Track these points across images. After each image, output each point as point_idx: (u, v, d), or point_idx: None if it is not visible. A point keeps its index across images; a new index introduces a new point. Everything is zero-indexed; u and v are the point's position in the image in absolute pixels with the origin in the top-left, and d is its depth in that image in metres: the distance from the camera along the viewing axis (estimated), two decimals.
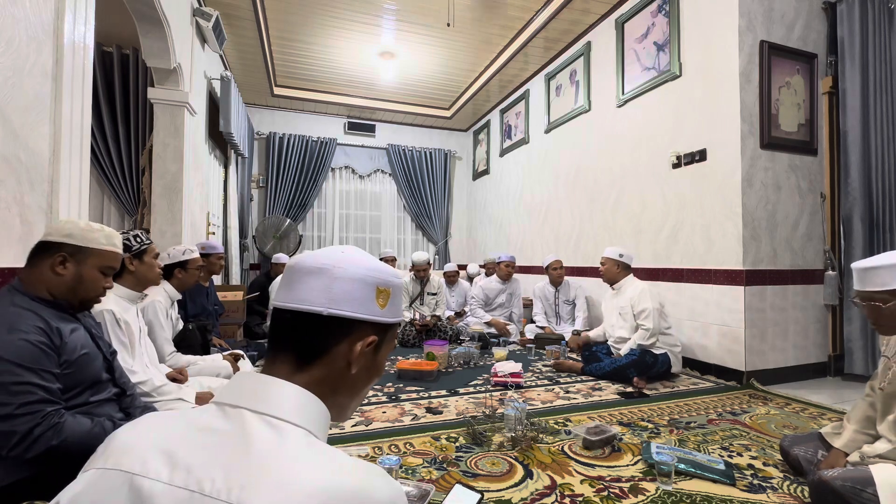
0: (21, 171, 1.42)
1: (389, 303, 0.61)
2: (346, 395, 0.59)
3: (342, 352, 0.56)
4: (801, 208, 3.06)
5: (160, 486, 0.42)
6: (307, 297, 0.56)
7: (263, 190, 6.30)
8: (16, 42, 1.38)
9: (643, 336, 2.83)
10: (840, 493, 1.20)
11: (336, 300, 0.56)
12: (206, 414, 0.49)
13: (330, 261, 0.58)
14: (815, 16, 3.14)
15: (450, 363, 3.24)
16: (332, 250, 0.60)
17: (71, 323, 1.17)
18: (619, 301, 3.07)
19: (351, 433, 2.02)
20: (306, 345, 0.55)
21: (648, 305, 2.84)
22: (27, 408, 0.99)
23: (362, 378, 0.60)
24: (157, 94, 3.12)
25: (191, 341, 2.39)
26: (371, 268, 0.59)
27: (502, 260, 4.45)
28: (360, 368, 0.58)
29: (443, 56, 4.86)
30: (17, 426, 0.98)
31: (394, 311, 0.61)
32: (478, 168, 7.03)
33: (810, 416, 2.26)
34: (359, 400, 0.62)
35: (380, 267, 0.61)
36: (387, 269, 0.62)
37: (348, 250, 0.61)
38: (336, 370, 0.56)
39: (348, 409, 0.61)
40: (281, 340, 0.56)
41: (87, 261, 1.18)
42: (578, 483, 1.57)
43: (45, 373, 1.04)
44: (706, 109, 3.06)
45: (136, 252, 1.70)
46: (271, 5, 3.92)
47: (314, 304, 0.55)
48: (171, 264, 2.29)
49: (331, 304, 0.55)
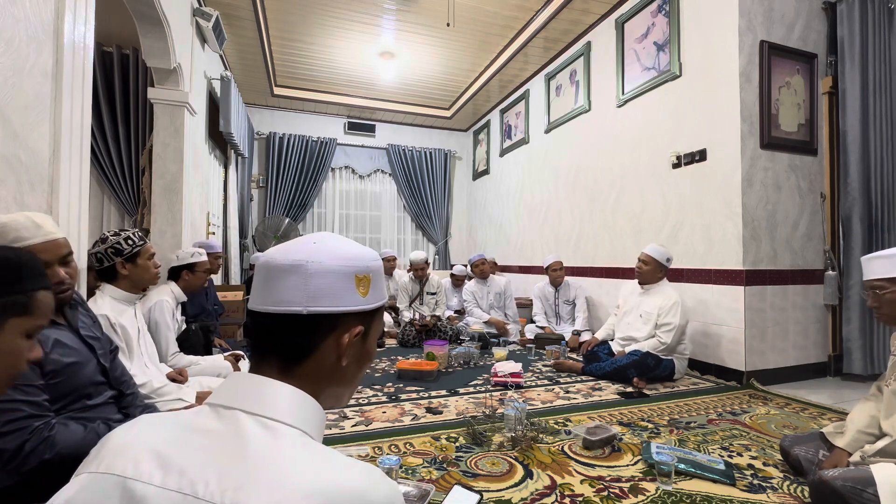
0: (21, 171, 1.42)
1: (371, 288, 0.58)
2: (340, 385, 0.58)
3: (330, 347, 0.55)
4: (801, 208, 3.06)
5: (153, 490, 0.41)
6: (284, 297, 0.53)
7: (263, 190, 6.30)
8: (16, 42, 1.38)
9: (655, 347, 2.78)
10: (840, 493, 1.20)
11: (315, 297, 0.53)
12: (200, 415, 0.49)
13: (303, 255, 0.54)
14: (815, 16, 3.14)
15: (450, 363, 3.24)
16: (304, 242, 0.57)
17: (54, 329, 1.11)
18: (645, 303, 2.95)
19: (351, 433, 2.02)
20: (291, 346, 0.53)
21: (675, 322, 2.75)
22: (14, 424, 0.97)
23: (354, 367, 0.59)
24: (157, 94, 3.12)
25: (193, 342, 2.39)
26: (347, 256, 0.56)
27: (472, 260, 4.51)
28: (350, 359, 0.57)
29: (443, 56, 4.85)
30: (6, 444, 0.96)
31: (377, 295, 0.59)
32: (478, 168, 7.03)
33: (810, 416, 2.26)
34: (354, 386, 0.61)
35: (356, 254, 0.58)
36: (363, 253, 0.59)
37: (321, 240, 0.58)
38: (326, 365, 0.55)
39: (344, 398, 0.60)
40: (263, 345, 0.54)
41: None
42: (578, 483, 1.57)
43: (28, 387, 1.01)
44: (706, 109, 3.06)
45: (128, 255, 1.65)
46: (271, 5, 3.92)
47: (292, 304, 0.53)
48: (178, 266, 2.31)
49: (310, 302, 0.53)
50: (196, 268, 2.34)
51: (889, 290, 1.37)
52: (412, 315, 4.13)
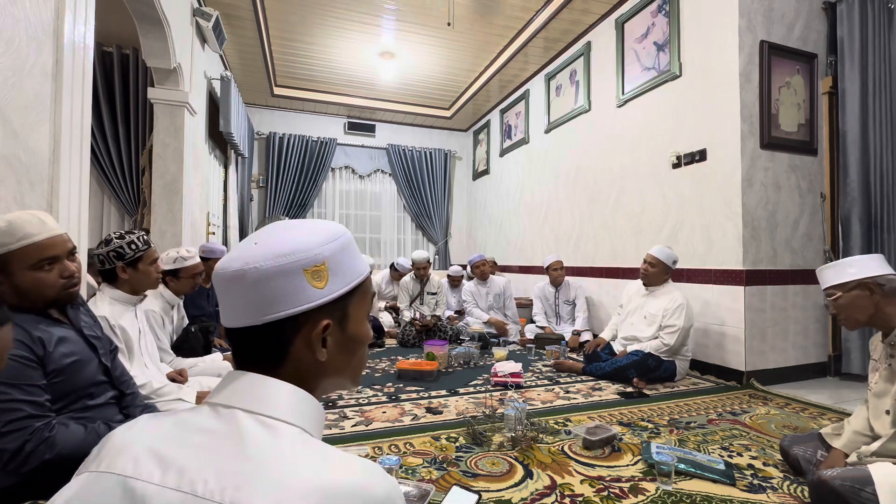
0: (21, 171, 1.42)
1: (330, 277, 0.53)
2: (333, 376, 0.56)
3: (302, 347, 0.52)
4: (800, 208, 3.06)
5: (153, 489, 0.41)
6: (237, 310, 0.51)
7: (263, 190, 6.30)
8: (16, 42, 1.38)
9: (658, 348, 2.78)
10: (839, 493, 1.20)
11: (264, 305, 0.50)
12: (199, 414, 0.49)
13: (241, 263, 0.50)
14: (815, 16, 3.14)
15: (450, 363, 3.24)
16: (246, 244, 0.52)
17: (58, 327, 1.12)
18: (649, 304, 2.94)
19: (351, 433, 2.02)
20: (263, 355, 0.52)
21: (679, 324, 2.73)
22: (14, 425, 0.97)
23: (342, 356, 0.56)
24: (157, 94, 3.12)
25: (193, 343, 2.39)
26: (288, 251, 0.51)
27: (472, 261, 4.54)
28: (332, 350, 0.54)
29: (443, 56, 4.85)
30: (6, 444, 0.96)
31: (340, 280, 0.54)
32: (478, 168, 7.03)
33: (810, 416, 2.26)
34: (353, 370, 0.59)
35: (301, 244, 0.52)
36: (313, 239, 0.53)
37: (263, 238, 0.53)
38: (306, 364, 0.53)
39: (346, 383, 0.59)
40: (241, 357, 0.53)
41: (11, 267, 1.03)
42: (578, 483, 1.57)
43: (30, 387, 1.01)
44: (706, 109, 3.06)
45: (130, 260, 1.63)
46: (271, 5, 3.92)
47: (246, 316, 0.50)
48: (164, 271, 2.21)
49: (259, 311, 0.50)
50: (180, 274, 2.18)
51: (840, 295, 1.46)
52: (412, 315, 4.13)
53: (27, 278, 1.04)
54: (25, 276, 1.04)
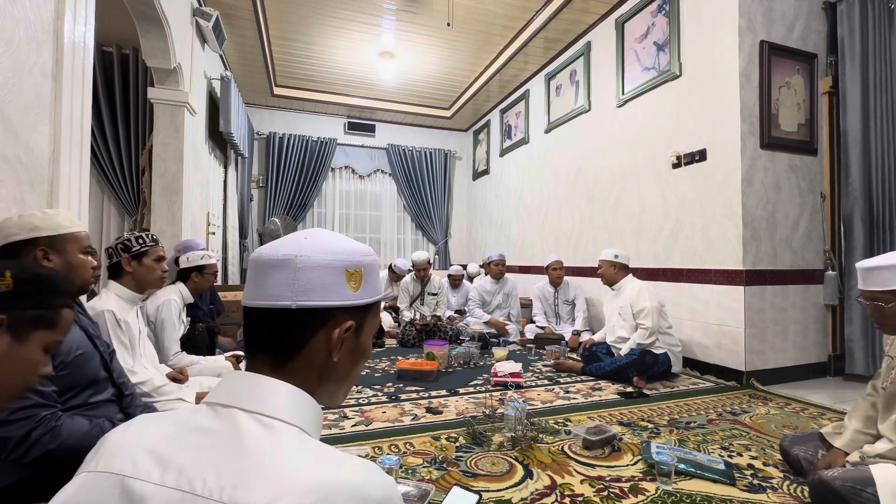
0: (21, 171, 1.42)
1: (363, 283, 0.57)
2: (334, 381, 0.58)
3: (320, 342, 0.54)
4: (801, 208, 3.06)
5: (151, 488, 0.42)
6: (273, 292, 0.53)
7: (263, 190, 6.30)
8: (16, 42, 1.38)
9: (643, 335, 2.83)
10: (840, 493, 1.20)
11: (303, 291, 0.53)
12: (198, 414, 0.49)
13: (292, 250, 0.54)
14: (815, 16, 3.14)
15: (450, 363, 3.24)
16: (295, 238, 0.57)
17: None
18: (618, 301, 3.07)
19: (351, 433, 2.02)
20: (282, 341, 0.54)
21: (647, 304, 2.85)
22: (22, 413, 0.99)
23: (348, 363, 0.58)
24: (157, 94, 3.12)
25: (198, 342, 2.41)
26: (337, 251, 0.56)
27: (492, 259, 4.52)
28: (343, 354, 0.56)
29: (443, 56, 4.85)
30: (12, 431, 0.98)
31: (369, 290, 0.58)
32: (478, 168, 7.03)
33: (810, 416, 2.26)
34: (349, 384, 0.61)
35: (347, 248, 0.57)
36: (356, 248, 0.58)
37: (312, 235, 0.58)
38: (318, 360, 0.55)
39: (339, 395, 0.60)
40: (256, 340, 0.55)
41: (68, 247, 1.14)
42: (578, 483, 1.57)
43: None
44: (706, 109, 3.06)
45: (136, 253, 1.69)
46: (271, 5, 3.92)
47: (281, 298, 0.53)
48: (188, 268, 2.37)
49: (298, 296, 0.53)
50: (205, 270, 2.43)
51: (893, 302, 1.28)
52: (413, 315, 4.13)
53: (78, 260, 1.17)
54: (77, 258, 1.17)
